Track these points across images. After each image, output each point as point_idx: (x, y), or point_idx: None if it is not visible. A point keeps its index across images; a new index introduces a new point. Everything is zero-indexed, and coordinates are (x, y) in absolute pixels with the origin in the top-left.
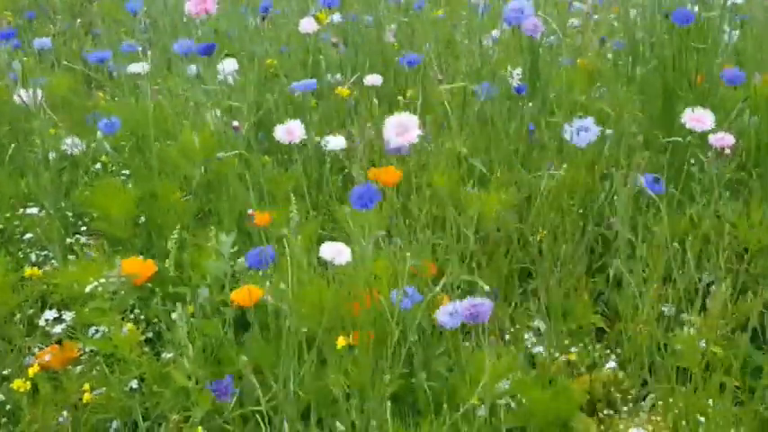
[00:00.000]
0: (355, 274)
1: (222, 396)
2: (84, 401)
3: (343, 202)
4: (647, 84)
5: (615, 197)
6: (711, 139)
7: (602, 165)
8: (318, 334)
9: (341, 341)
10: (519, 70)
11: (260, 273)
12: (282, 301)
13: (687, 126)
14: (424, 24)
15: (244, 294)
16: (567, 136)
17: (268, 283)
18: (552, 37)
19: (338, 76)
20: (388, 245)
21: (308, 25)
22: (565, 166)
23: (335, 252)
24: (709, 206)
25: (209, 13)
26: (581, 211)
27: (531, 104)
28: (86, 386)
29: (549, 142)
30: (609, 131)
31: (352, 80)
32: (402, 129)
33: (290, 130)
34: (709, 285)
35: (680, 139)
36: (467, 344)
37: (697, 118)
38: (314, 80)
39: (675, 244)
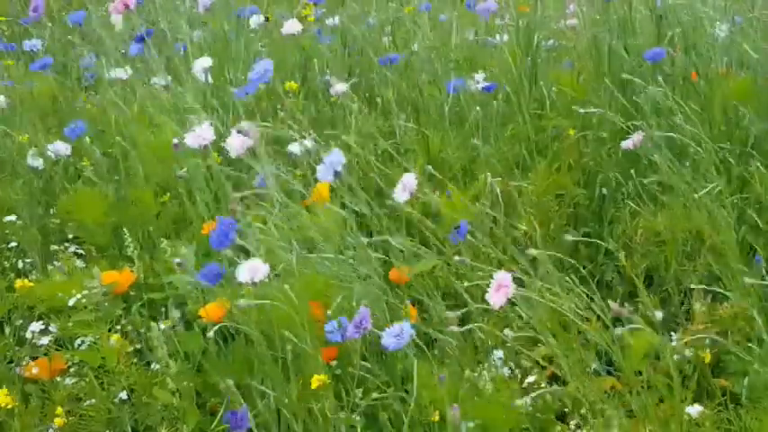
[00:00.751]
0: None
1: (237, 428)
2: (57, 425)
3: None
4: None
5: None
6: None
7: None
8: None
9: (314, 382)
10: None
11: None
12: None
13: None
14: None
15: (213, 309)
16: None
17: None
18: (552, 41)
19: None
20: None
21: (291, 27)
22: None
23: (253, 270)
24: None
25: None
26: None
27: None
28: (59, 410)
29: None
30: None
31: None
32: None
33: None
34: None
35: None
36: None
37: None
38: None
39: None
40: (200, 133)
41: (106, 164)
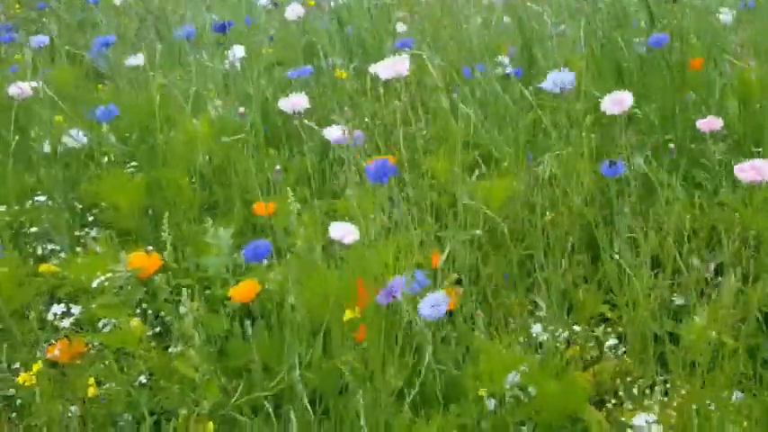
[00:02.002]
0: (363, 257)
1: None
2: (90, 396)
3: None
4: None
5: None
6: (699, 123)
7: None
8: (324, 321)
9: (348, 314)
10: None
11: (262, 264)
12: (286, 291)
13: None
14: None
15: (244, 290)
16: (545, 86)
17: (272, 275)
18: (561, 26)
19: (338, 60)
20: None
21: (293, 12)
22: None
23: (344, 232)
24: (715, 194)
25: None
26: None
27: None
28: (91, 380)
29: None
30: None
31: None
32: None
33: (294, 103)
34: (717, 274)
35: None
36: (476, 332)
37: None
38: (309, 67)
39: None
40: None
41: (129, 149)
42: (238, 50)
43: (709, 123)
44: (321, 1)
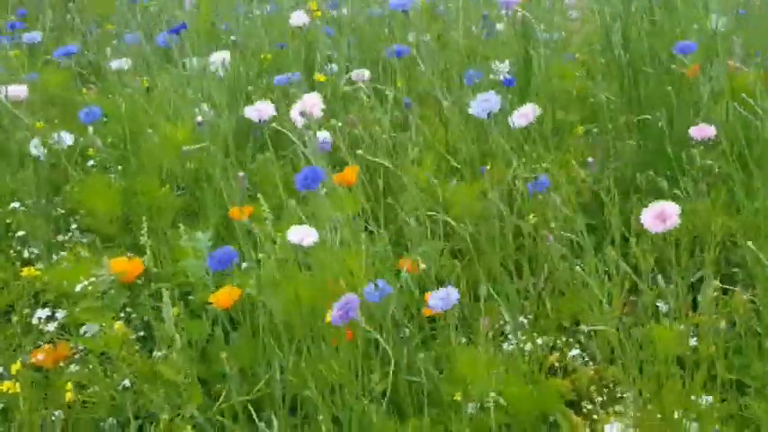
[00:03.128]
0: (327, 262)
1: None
2: (68, 401)
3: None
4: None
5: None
6: (692, 130)
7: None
8: (297, 331)
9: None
10: (506, 63)
11: (239, 270)
12: (259, 299)
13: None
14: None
15: (223, 296)
16: (470, 110)
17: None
18: (548, 34)
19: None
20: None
21: (298, 18)
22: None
23: (303, 235)
24: (697, 199)
25: None
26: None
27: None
28: (69, 386)
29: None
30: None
31: (345, 77)
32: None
33: (259, 110)
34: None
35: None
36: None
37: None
38: (298, 73)
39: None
40: (261, 108)
41: (113, 153)
42: (219, 56)
43: (702, 131)
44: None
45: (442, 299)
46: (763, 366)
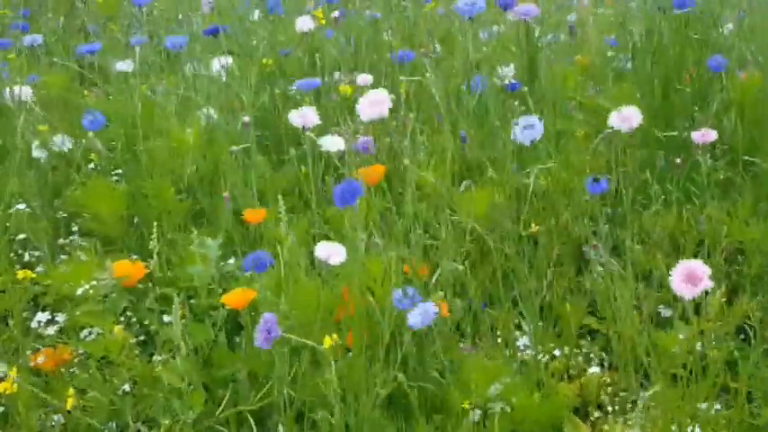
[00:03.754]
0: (350, 273)
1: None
2: (72, 404)
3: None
4: (644, 78)
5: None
6: (694, 135)
7: (596, 163)
8: (312, 335)
9: (327, 341)
10: (511, 67)
11: (249, 275)
12: (275, 303)
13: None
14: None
15: (236, 297)
16: (513, 135)
17: (257, 286)
18: (550, 35)
19: (336, 74)
20: (377, 245)
21: (304, 23)
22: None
23: (331, 252)
24: (704, 207)
25: None
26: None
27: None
28: (71, 391)
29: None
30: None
31: (349, 79)
32: (375, 103)
33: (303, 115)
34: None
35: (675, 133)
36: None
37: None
38: (317, 79)
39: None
40: (305, 113)
41: (116, 156)
42: (223, 60)
43: (704, 136)
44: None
45: (420, 315)
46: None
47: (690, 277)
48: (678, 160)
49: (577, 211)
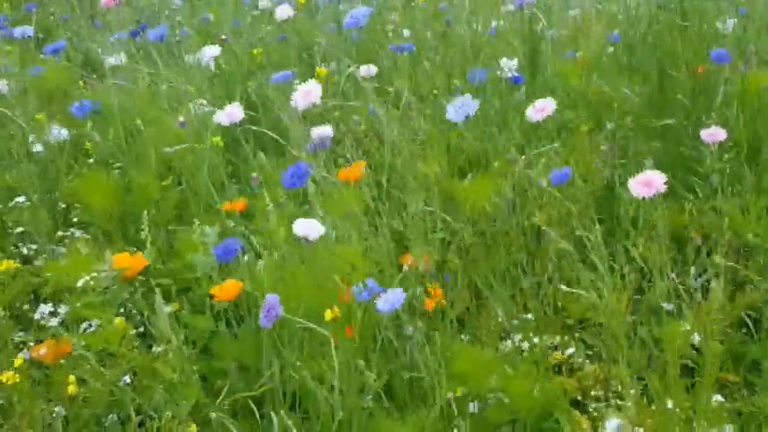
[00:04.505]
0: (328, 260)
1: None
2: (70, 394)
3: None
4: (643, 71)
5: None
6: (703, 134)
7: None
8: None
9: (328, 314)
10: (515, 61)
11: (239, 264)
12: (262, 291)
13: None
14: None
15: (222, 290)
16: (448, 114)
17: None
18: (552, 30)
19: (332, 65)
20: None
21: (283, 12)
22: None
23: (308, 228)
24: (708, 200)
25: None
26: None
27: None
28: (71, 378)
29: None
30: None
31: (348, 71)
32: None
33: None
34: (707, 281)
35: (671, 121)
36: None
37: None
38: (290, 72)
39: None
40: (231, 111)
41: (110, 148)
42: (211, 50)
43: (713, 134)
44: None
45: (387, 301)
46: None
47: (647, 184)
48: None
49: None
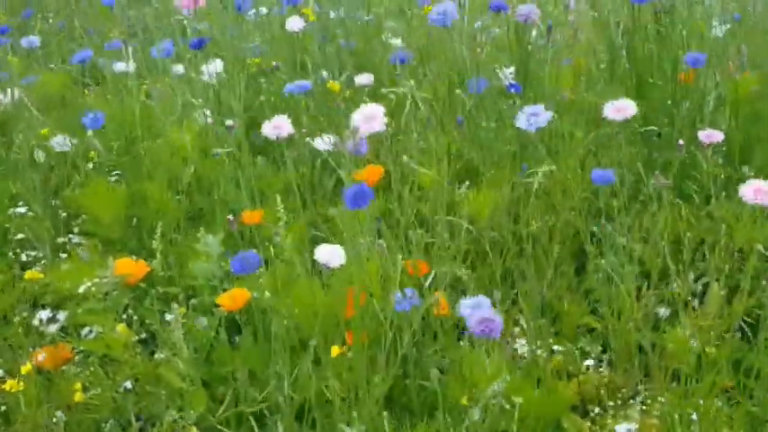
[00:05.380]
0: (349, 275)
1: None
2: (76, 401)
3: (334, 202)
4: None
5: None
6: (700, 135)
7: (591, 162)
8: (312, 336)
9: (335, 350)
10: (512, 69)
11: (254, 276)
12: (273, 303)
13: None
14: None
15: (232, 298)
16: (518, 123)
17: (260, 284)
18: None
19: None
20: (381, 245)
21: (294, 24)
22: (546, 166)
23: (330, 254)
24: (704, 206)
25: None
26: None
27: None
28: (78, 386)
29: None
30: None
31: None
32: (369, 119)
33: (277, 126)
34: (704, 285)
35: (655, 128)
36: (461, 343)
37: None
38: (308, 82)
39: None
40: (278, 124)
41: (114, 158)
42: (217, 64)
43: (710, 136)
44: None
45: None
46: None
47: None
48: None
49: (577, 208)
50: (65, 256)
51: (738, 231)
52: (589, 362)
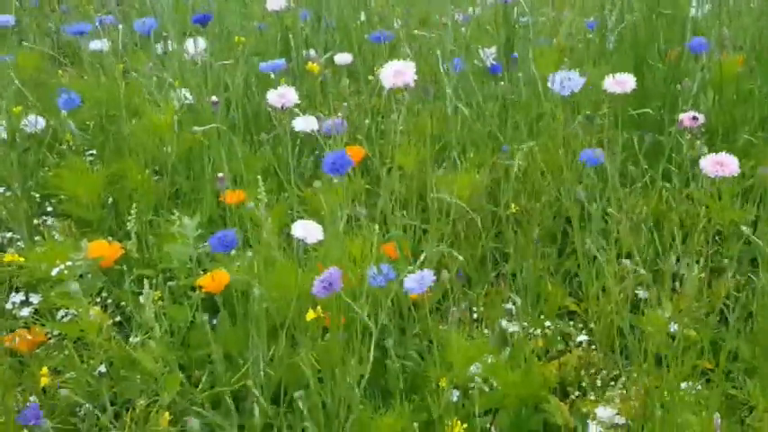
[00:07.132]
0: (328, 253)
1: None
2: (43, 385)
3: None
4: (619, 57)
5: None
6: (682, 117)
7: (574, 143)
8: (289, 315)
9: (310, 314)
10: (494, 49)
11: (228, 255)
12: (251, 283)
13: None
14: None
15: (211, 280)
16: (551, 86)
17: (237, 266)
18: (527, 17)
19: (311, 52)
20: (356, 225)
21: (275, 3)
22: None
23: (307, 231)
24: (683, 187)
25: None
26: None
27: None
28: (44, 370)
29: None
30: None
31: (323, 58)
32: (398, 73)
33: (282, 95)
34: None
35: (649, 110)
36: (443, 327)
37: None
38: (282, 60)
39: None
40: (283, 93)
41: (90, 137)
42: (200, 42)
43: (693, 119)
44: None
45: (417, 281)
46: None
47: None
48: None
49: (561, 188)
50: (39, 238)
51: (716, 213)
52: (569, 344)
